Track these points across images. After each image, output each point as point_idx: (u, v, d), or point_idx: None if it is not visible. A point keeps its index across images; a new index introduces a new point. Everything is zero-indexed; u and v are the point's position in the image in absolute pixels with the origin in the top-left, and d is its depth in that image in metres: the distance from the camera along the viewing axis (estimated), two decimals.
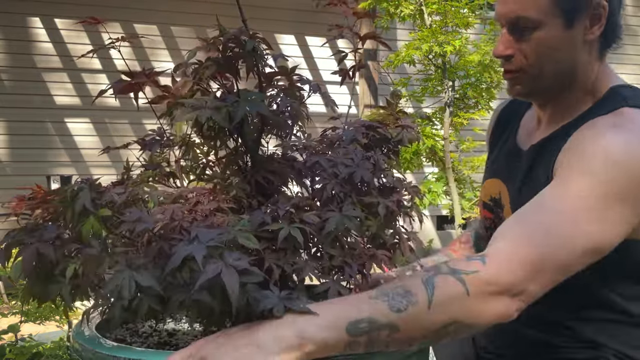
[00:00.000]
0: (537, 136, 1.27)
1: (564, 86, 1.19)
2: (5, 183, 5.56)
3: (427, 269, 0.92)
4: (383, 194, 1.02)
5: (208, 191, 1.00)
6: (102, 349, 0.88)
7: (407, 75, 4.55)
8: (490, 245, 0.98)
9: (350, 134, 1.10)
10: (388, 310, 0.84)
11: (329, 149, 1.10)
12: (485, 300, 0.89)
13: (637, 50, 7.42)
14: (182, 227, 0.87)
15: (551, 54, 1.16)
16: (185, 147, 1.12)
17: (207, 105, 0.96)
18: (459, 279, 0.89)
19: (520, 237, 0.97)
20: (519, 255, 0.94)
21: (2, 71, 5.81)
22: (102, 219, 0.90)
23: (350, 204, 0.97)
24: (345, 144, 1.08)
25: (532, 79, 1.19)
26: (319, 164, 1.00)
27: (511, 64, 1.19)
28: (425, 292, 0.87)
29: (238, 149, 1.07)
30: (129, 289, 0.81)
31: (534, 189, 1.11)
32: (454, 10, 3.97)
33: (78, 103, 6.00)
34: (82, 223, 0.89)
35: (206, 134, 1.04)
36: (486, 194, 1.36)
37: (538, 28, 1.14)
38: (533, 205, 1.03)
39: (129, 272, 0.82)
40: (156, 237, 0.88)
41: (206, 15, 5.99)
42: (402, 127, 1.16)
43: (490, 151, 1.46)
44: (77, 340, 0.93)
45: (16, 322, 2.64)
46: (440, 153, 4.16)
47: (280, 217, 0.91)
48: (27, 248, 0.88)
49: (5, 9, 5.71)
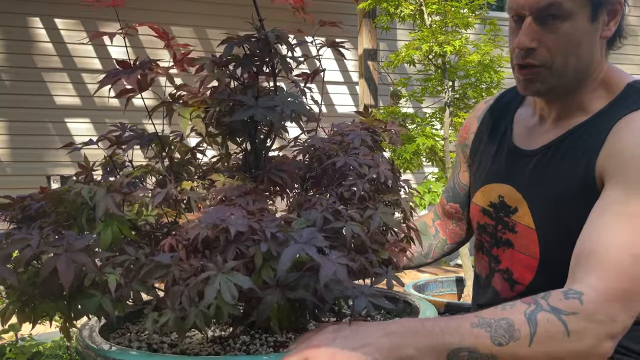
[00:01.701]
0: (544, 135, 1.23)
1: (580, 83, 1.17)
2: (5, 183, 5.56)
3: (526, 301, 0.94)
4: (396, 193, 1.07)
5: (247, 191, 0.99)
6: (108, 353, 0.87)
7: (407, 75, 4.55)
8: (577, 278, 0.98)
9: (357, 136, 1.12)
10: (490, 343, 0.88)
11: (338, 150, 1.10)
12: (585, 340, 0.92)
13: (637, 50, 7.41)
14: (254, 229, 0.86)
15: (575, 48, 1.13)
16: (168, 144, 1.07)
17: (261, 104, 0.97)
18: (560, 319, 0.91)
19: (604, 268, 0.97)
20: (611, 289, 0.95)
21: (2, 71, 5.81)
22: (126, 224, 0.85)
23: (379, 202, 1.00)
24: (356, 145, 1.09)
25: (556, 76, 1.15)
26: (348, 165, 1.03)
27: (534, 58, 1.14)
28: (528, 329, 0.90)
29: (256, 147, 1.08)
30: (229, 292, 0.78)
31: (555, 191, 1.11)
32: (454, 10, 3.97)
33: (78, 103, 6.00)
34: (102, 228, 0.83)
35: (213, 132, 1.04)
36: (484, 200, 1.32)
37: (568, 18, 1.11)
38: (604, 226, 1.01)
39: (223, 277, 0.79)
40: (226, 240, 0.84)
41: (206, 15, 6.02)
42: (391, 130, 1.18)
43: (474, 152, 1.41)
44: (81, 344, 0.92)
45: (16, 322, 2.64)
46: (440, 153, 4.16)
47: (341, 215, 0.94)
48: (59, 259, 0.77)
49: (5, 9, 5.71)
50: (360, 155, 1.05)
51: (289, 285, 0.85)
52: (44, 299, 0.82)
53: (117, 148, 1.02)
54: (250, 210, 0.91)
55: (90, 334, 0.96)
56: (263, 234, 0.84)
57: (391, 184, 1.06)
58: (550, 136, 1.22)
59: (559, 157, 1.18)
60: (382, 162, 1.05)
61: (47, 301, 0.81)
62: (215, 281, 0.78)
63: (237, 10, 1.17)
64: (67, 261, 0.77)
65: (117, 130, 1.04)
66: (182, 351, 0.94)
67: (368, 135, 1.12)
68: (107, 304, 0.80)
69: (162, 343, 0.98)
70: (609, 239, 0.99)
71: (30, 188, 4.27)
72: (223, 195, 0.97)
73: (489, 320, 0.90)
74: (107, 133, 1.04)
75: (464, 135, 1.45)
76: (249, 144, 1.08)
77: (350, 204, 1.00)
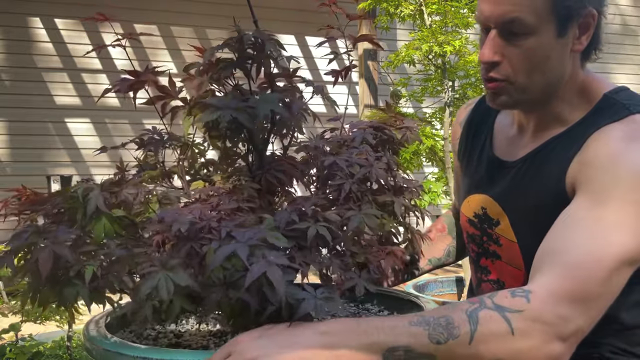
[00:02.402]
0: (524, 146, 1.21)
1: (550, 96, 1.15)
2: (5, 183, 5.56)
3: (471, 300, 0.89)
4: (395, 193, 1.05)
5: (228, 191, 1.00)
6: (112, 347, 0.88)
7: (407, 75, 4.55)
8: (532, 279, 0.94)
9: (361, 135, 1.11)
10: (427, 341, 0.83)
11: (339, 149, 1.10)
12: (531, 340, 0.86)
13: (637, 50, 7.41)
14: (211, 227, 0.86)
15: (540, 63, 1.10)
16: (185, 146, 1.12)
17: (229, 105, 0.96)
18: (504, 317, 0.86)
19: (560, 268, 0.93)
20: (563, 289, 0.90)
21: (2, 71, 5.81)
22: (116, 219, 0.89)
23: (367, 203, 0.99)
24: (356, 144, 1.09)
25: (520, 90, 1.12)
26: (336, 164, 1.01)
27: (497, 72, 1.11)
28: (468, 327, 0.85)
29: (250, 149, 1.08)
30: (166, 289, 0.80)
31: (532, 203, 1.09)
32: (453, 11, 3.97)
33: (78, 103, 6.01)
34: (94, 224, 0.89)
35: (214, 133, 1.05)
36: (469, 210, 1.30)
37: (531, 34, 1.07)
38: (565, 230, 0.99)
39: (163, 273, 0.81)
40: (183, 237, 0.86)
41: (206, 15, 6.03)
42: (406, 128, 1.17)
43: (461, 159, 1.39)
44: (89, 339, 0.93)
45: (17, 322, 2.64)
46: (440, 153, 4.16)
47: (308, 216, 0.92)
48: (43, 250, 0.84)
49: (5, 9, 5.71)
50: (355, 154, 1.03)
51: (234, 285, 0.82)
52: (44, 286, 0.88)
53: (148, 150, 1.09)
54: (223, 210, 0.92)
55: (96, 328, 0.98)
56: (218, 233, 0.84)
57: (394, 184, 1.05)
58: (528, 148, 1.20)
59: (534, 169, 1.17)
60: (377, 162, 1.02)
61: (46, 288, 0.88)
62: (156, 277, 0.80)
63: (237, 10, 1.18)
64: (49, 252, 0.84)
65: (147, 134, 1.10)
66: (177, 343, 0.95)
67: (371, 133, 1.12)
68: (84, 293, 0.86)
69: (175, 346, 0.99)
70: (568, 241, 0.96)
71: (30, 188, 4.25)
72: (199, 194, 0.99)
73: (427, 319, 0.85)
74: (139, 136, 1.11)
75: (454, 141, 1.44)
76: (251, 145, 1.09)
77: (338, 205, 0.98)
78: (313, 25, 0.98)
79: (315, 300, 0.83)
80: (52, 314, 2.72)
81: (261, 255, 0.81)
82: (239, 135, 1.06)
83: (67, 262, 0.85)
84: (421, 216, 1.09)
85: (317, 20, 1.09)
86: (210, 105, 0.97)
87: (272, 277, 0.78)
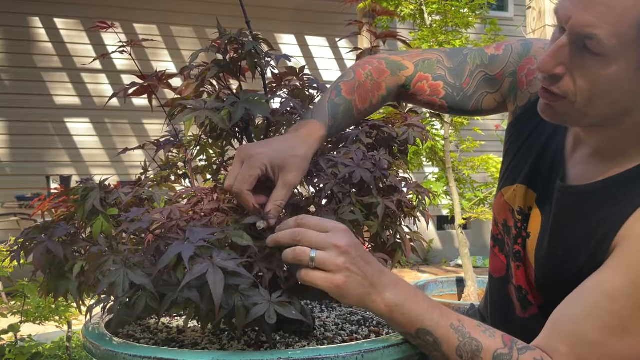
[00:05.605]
0: (577, 168, 1.06)
1: (613, 124, 0.98)
2: (5, 183, 5.56)
3: (505, 341, 0.91)
4: (384, 194, 1.01)
5: (210, 191, 1.00)
6: (111, 347, 0.89)
7: None
8: (554, 347, 0.92)
9: (353, 134, 1.10)
10: (454, 349, 0.89)
11: (334, 149, 1.09)
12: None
13: None
14: (179, 227, 0.88)
15: (609, 92, 0.92)
16: (198, 147, 1.14)
17: (205, 106, 0.98)
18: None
19: (581, 341, 0.91)
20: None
21: (2, 71, 5.81)
22: (111, 218, 0.93)
23: (349, 205, 0.97)
24: (348, 143, 1.07)
25: (577, 112, 0.95)
26: (317, 165, 1.00)
27: (557, 87, 0.94)
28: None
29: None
30: (122, 286, 0.83)
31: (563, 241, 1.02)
32: (454, 10, 3.97)
33: (78, 103, 6.00)
34: (92, 222, 0.93)
35: (212, 134, 1.06)
36: (514, 201, 1.15)
37: (608, 57, 0.89)
38: (591, 301, 0.92)
39: (123, 270, 0.84)
40: (156, 236, 0.89)
41: (206, 15, 6.03)
42: (409, 125, 1.14)
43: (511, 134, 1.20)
44: (88, 338, 0.94)
45: (16, 322, 2.64)
46: (441, 153, 4.15)
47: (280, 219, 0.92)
48: (38, 246, 0.92)
49: (5, 9, 5.71)
50: (342, 154, 1.02)
51: (189, 285, 0.81)
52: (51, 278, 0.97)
53: (170, 151, 1.16)
54: (204, 210, 0.93)
55: (96, 327, 0.99)
56: (183, 233, 0.85)
57: (391, 185, 1.03)
58: (587, 175, 1.04)
59: (575, 209, 1.03)
60: (364, 162, 1.00)
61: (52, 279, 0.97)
62: (115, 274, 0.83)
63: (237, 10, 1.17)
64: (44, 248, 0.91)
65: (167, 136, 1.17)
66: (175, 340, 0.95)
67: (367, 132, 1.11)
68: (73, 286, 0.94)
69: (171, 341, 0.99)
70: (597, 331, 0.91)
71: (30, 188, 4.28)
72: (181, 193, 1.01)
73: (466, 332, 0.90)
74: (159, 139, 1.18)
75: (522, 80, 1.17)
76: None
77: (318, 207, 0.98)
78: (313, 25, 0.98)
79: (269, 304, 0.83)
80: (51, 315, 2.72)
81: (208, 256, 0.81)
82: (229, 136, 1.07)
83: (64, 257, 0.92)
84: (425, 218, 1.06)
85: (317, 20, 1.09)
86: (186, 107, 1.00)
87: (210, 279, 0.78)
